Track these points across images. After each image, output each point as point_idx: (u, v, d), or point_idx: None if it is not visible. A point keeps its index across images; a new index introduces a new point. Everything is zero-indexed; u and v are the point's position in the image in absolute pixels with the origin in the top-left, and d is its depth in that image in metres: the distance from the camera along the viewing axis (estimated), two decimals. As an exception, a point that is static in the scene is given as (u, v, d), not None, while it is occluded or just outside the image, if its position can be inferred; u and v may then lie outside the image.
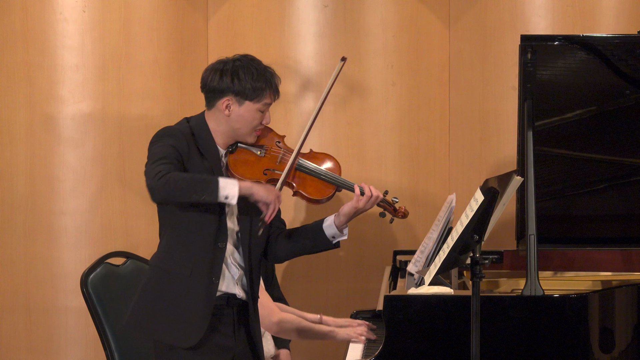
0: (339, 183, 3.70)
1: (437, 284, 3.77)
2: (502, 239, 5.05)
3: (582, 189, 4.68)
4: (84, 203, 5.35)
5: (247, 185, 3.46)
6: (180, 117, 5.53)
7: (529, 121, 4.15)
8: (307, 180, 3.68)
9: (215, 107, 3.64)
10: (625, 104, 4.40)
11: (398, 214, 3.74)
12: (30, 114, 5.32)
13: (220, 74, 3.62)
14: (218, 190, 3.41)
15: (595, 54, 4.20)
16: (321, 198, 3.69)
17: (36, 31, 5.30)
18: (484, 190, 3.34)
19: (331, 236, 3.72)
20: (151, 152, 3.54)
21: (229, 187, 3.42)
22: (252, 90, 3.58)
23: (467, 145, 5.63)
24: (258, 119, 3.62)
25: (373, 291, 4.99)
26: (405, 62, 5.57)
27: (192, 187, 3.41)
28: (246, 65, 3.61)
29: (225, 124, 3.63)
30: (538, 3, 5.49)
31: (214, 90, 3.63)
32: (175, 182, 3.40)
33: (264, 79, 3.60)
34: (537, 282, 3.72)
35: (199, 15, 5.63)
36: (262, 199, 3.48)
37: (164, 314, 3.59)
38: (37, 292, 5.35)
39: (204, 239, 3.58)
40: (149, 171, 3.44)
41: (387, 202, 3.73)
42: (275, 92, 3.64)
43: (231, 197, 3.42)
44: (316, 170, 3.70)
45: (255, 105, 3.60)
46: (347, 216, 3.69)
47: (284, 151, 3.70)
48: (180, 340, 3.58)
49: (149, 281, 3.65)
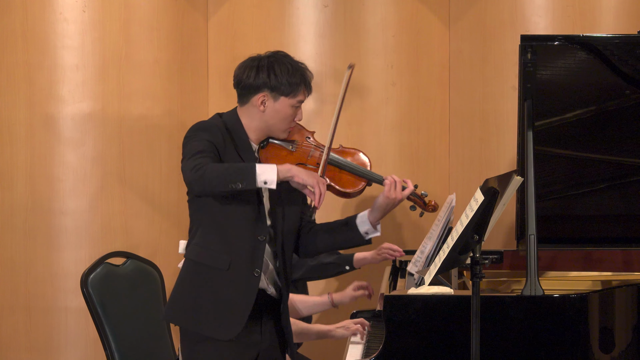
0: (369, 177, 3.75)
1: (437, 284, 3.77)
2: (502, 239, 5.06)
3: (582, 188, 4.68)
4: (84, 203, 5.35)
5: (286, 168, 3.47)
6: (180, 117, 5.58)
7: (529, 121, 4.15)
8: (339, 174, 3.74)
9: (250, 103, 3.66)
10: (625, 104, 4.40)
11: (428, 207, 3.79)
12: (30, 114, 5.33)
13: (256, 70, 3.63)
14: (256, 176, 3.41)
15: (595, 54, 4.19)
16: (352, 191, 3.74)
17: (36, 31, 5.31)
18: (484, 190, 3.34)
19: (364, 232, 3.74)
20: (187, 148, 3.55)
21: (268, 171, 3.43)
22: (287, 85, 3.61)
23: (467, 145, 5.63)
24: (291, 115, 3.65)
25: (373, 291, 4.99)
26: (405, 62, 5.58)
27: (230, 176, 3.41)
28: (281, 61, 3.65)
29: (259, 120, 3.65)
30: (538, 3, 5.49)
31: (250, 86, 3.64)
32: (212, 173, 3.41)
33: (299, 74, 3.63)
34: (537, 282, 3.72)
35: (199, 15, 5.64)
36: (304, 181, 3.48)
37: (204, 306, 3.60)
38: (37, 292, 5.35)
39: (243, 232, 3.59)
40: (186, 166, 3.47)
41: (417, 196, 3.77)
42: (308, 88, 3.67)
43: (270, 182, 3.42)
44: (347, 164, 3.75)
45: (290, 101, 3.63)
46: (380, 210, 3.71)
47: (315, 146, 3.75)
48: (220, 333, 3.59)
49: (186, 274, 3.65)
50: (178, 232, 5.47)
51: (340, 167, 3.74)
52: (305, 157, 3.72)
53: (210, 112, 5.68)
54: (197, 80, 5.65)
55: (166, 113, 5.49)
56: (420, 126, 5.62)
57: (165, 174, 5.49)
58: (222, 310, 3.59)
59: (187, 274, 3.65)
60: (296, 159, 3.71)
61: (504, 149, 5.49)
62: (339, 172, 3.73)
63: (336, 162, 3.74)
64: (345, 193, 3.73)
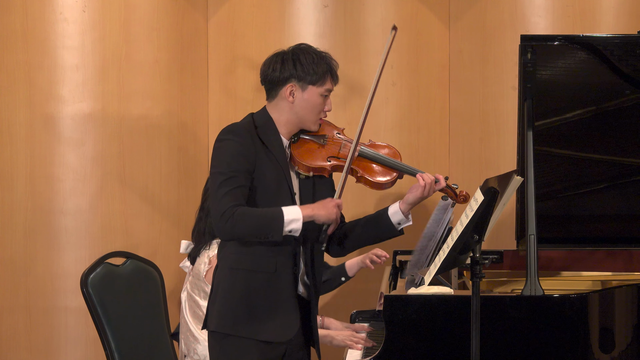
0: (401, 168, 3.79)
1: (437, 284, 3.78)
2: (502, 239, 5.05)
3: (582, 188, 4.68)
4: (84, 203, 5.35)
5: (308, 214, 3.55)
6: (180, 117, 5.58)
7: (529, 121, 4.15)
8: (370, 166, 3.78)
9: (279, 97, 3.68)
10: (625, 104, 4.40)
11: (460, 198, 3.82)
12: (30, 114, 5.32)
13: (281, 63, 3.67)
14: (282, 229, 3.52)
15: (595, 54, 4.20)
16: (385, 182, 3.77)
17: (36, 31, 5.31)
18: (484, 190, 3.34)
19: (397, 223, 3.78)
20: (217, 161, 3.60)
21: (293, 222, 3.52)
22: (314, 74, 3.65)
23: (467, 145, 5.63)
24: (321, 104, 3.69)
25: (373, 291, 4.99)
26: (405, 62, 5.58)
27: (258, 230, 3.52)
28: (305, 51, 3.70)
29: (289, 112, 3.68)
30: (538, 3, 5.49)
31: (277, 79, 3.67)
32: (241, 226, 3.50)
33: (325, 62, 3.68)
34: (537, 282, 3.72)
35: (199, 15, 5.64)
36: (324, 221, 3.60)
37: (258, 312, 3.62)
38: (37, 292, 5.35)
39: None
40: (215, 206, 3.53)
41: (450, 187, 3.81)
42: (335, 77, 3.71)
43: (295, 231, 3.55)
44: (378, 156, 3.79)
45: (318, 90, 3.66)
46: (412, 202, 3.75)
47: (345, 140, 3.79)
48: (279, 335, 3.63)
49: (230, 283, 3.65)
50: (178, 232, 5.47)
51: (372, 159, 3.78)
52: (337, 150, 3.77)
53: (211, 112, 5.68)
54: (197, 80, 5.65)
55: (166, 113, 5.49)
56: (420, 126, 5.62)
57: (165, 174, 5.49)
58: (276, 313, 3.62)
59: (231, 282, 3.65)
60: (328, 152, 3.76)
61: (504, 149, 5.49)
62: (370, 163, 3.78)
63: (367, 154, 3.78)
64: (377, 184, 3.77)
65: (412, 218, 3.79)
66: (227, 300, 3.64)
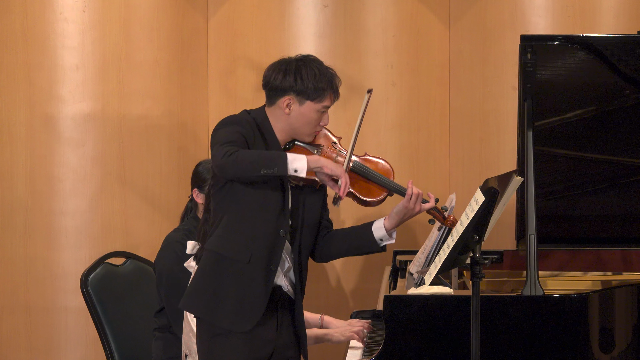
0: (391, 187, 3.70)
1: (437, 284, 3.77)
2: (502, 239, 5.05)
3: (582, 189, 4.68)
4: (84, 203, 5.35)
5: (315, 159, 3.52)
6: (180, 117, 5.58)
7: (529, 121, 4.15)
8: (360, 182, 3.70)
9: (276, 105, 3.67)
10: (625, 104, 4.40)
11: (447, 222, 3.72)
12: (30, 114, 5.32)
13: (283, 73, 3.64)
14: (287, 163, 3.47)
15: (595, 54, 4.19)
16: (373, 200, 3.69)
17: (36, 31, 5.31)
18: (484, 190, 3.34)
19: (379, 239, 3.73)
20: (216, 137, 3.58)
21: (298, 160, 3.49)
22: (313, 90, 3.61)
23: (467, 145, 5.63)
24: (317, 119, 3.66)
25: (373, 291, 4.99)
26: (405, 62, 5.58)
27: (263, 161, 3.47)
28: (309, 65, 3.64)
29: (285, 122, 3.66)
30: (538, 3, 5.49)
31: (277, 88, 3.65)
32: (245, 157, 3.46)
33: (326, 79, 3.63)
34: (537, 282, 3.72)
35: (199, 15, 5.64)
36: (332, 172, 3.53)
37: (223, 298, 3.60)
38: (37, 292, 5.35)
39: (266, 226, 3.61)
40: (217, 152, 3.49)
41: (437, 210, 3.72)
42: (336, 94, 3.68)
43: (300, 170, 3.48)
44: (369, 172, 3.72)
45: (315, 106, 3.63)
46: (397, 218, 3.69)
47: (339, 151, 3.73)
48: (237, 325, 3.60)
49: (205, 265, 3.66)
50: (178, 232, 5.46)
51: (363, 175, 3.70)
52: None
53: (211, 112, 5.68)
54: (197, 80, 5.65)
55: (166, 113, 5.49)
56: (420, 126, 5.62)
57: (165, 174, 5.49)
58: (240, 303, 3.59)
59: (208, 264, 3.65)
60: None
61: (504, 149, 5.49)
62: (361, 180, 3.70)
63: (359, 170, 3.71)
64: (365, 202, 3.70)
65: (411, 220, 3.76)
66: (197, 281, 3.66)
